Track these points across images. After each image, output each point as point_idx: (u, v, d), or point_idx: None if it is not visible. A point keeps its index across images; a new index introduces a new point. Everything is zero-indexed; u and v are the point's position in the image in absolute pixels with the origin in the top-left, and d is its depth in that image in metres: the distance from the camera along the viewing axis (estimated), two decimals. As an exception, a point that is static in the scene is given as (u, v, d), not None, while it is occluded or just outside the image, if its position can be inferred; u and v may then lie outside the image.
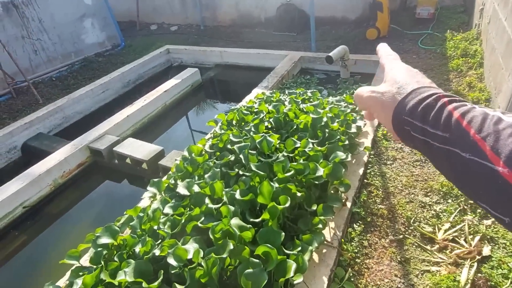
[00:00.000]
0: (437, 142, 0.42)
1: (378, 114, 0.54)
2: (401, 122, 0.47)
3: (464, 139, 0.39)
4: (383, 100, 0.51)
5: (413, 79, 0.50)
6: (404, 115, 0.46)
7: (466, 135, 0.38)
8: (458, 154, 0.39)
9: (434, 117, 0.42)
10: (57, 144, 4.10)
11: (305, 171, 2.24)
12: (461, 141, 0.39)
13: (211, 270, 1.71)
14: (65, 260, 2.02)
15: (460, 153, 0.39)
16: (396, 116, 0.48)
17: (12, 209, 3.15)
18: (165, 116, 4.97)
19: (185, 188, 2.35)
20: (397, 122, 0.48)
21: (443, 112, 0.42)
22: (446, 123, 0.41)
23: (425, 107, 0.44)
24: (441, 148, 0.41)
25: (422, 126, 0.43)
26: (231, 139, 2.75)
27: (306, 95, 3.60)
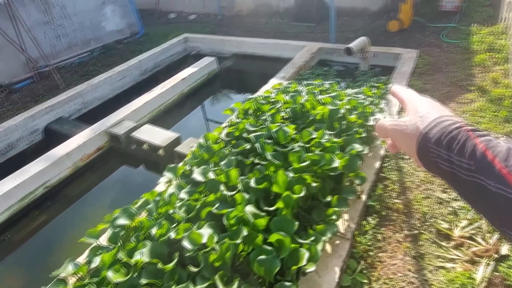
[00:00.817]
0: (463, 172, 0.42)
1: (401, 145, 0.55)
2: (426, 152, 0.47)
3: (491, 170, 0.39)
4: (407, 131, 0.51)
5: (434, 109, 0.51)
6: (430, 144, 0.46)
7: (492, 167, 0.39)
8: (485, 186, 0.40)
9: (459, 147, 0.43)
10: (77, 129, 4.21)
11: (320, 162, 2.23)
12: (488, 173, 0.39)
13: (225, 255, 1.74)
14: (84, 239, 2.09)
15: (487, 185, 0.39)
16: (421, 146, 0.48)
17: (33, 189, 3.27)
18: (182, 104, 5.02)
19: (201, 175, 2.38)
20: (423, 152, 0.48)
21: (468, 143, 0.42)
22: (471, 154, 0.41)
23: (450, 137, 0.44)
24: (467, 179, 0.42)
25: (448, 155, 0.44)
26: (247, 128, 2.76)
27: (324, 86, 3.55)
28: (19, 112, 4.63)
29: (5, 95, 5.34)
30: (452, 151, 0.43)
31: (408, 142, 0.51)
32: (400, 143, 0.54)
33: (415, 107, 0.53)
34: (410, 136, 0.50)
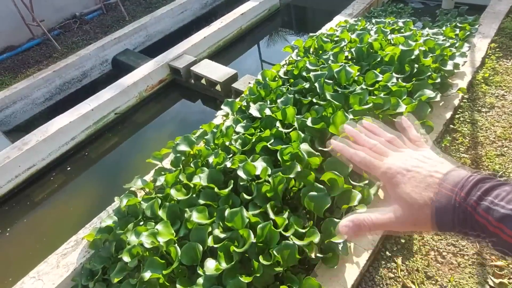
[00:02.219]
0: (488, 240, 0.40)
1: None
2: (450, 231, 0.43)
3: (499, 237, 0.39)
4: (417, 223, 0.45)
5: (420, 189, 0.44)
6: (453, 231, 0.43)
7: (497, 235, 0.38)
8: None
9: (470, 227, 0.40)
10: (141, 61, 4.40)
11: (384, 106, 2.09)
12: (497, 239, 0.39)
13: (277, 187, 1.81)
14: (151, 160, 2.31)
15: None
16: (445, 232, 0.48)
17: (106, 114, 3.61)
18: (240, 40, 4.92)
19: (257, 111, 2.40)
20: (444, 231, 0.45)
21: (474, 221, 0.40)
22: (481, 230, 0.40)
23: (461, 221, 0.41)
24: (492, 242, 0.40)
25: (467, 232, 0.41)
26: (307, 66, 2.64)
27: (397, 25, 3.18)
28: (91, 42, 4.94)
29: (78, 25, 5.68)
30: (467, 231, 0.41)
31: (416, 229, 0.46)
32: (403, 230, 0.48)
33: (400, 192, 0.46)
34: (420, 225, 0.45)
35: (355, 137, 0.55)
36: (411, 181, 0.45)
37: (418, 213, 0.44)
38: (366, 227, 0.47)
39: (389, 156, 0.50)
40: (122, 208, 2.10)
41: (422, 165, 0.46)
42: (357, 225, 0.47)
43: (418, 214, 0.44)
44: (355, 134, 0.56)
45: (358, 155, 0.51)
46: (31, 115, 4.31)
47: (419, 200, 0.43)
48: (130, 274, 1.88)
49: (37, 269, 2.12)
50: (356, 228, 0.47)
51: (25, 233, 2.87)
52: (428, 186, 0.43)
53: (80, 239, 2.18)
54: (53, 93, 4.43)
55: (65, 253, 2.16)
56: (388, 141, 0.53)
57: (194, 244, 1.70)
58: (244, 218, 1.71)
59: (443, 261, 1.81)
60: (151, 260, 1.70)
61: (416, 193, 0.44)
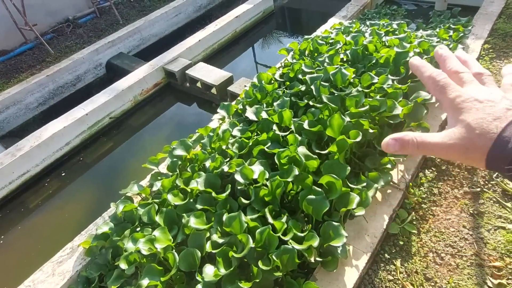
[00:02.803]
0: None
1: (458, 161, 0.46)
2: (501, 170, 0.40)
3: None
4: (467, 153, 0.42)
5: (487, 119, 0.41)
6: (506, 165, 0.39)
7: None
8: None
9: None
10: (136, 64, 4.38)
11: (380, 108, 2.09)
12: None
13: (275, 191, 1.80)
14: (147, 165, 2.29)
15: None
16: (493, 167, 0.41)
17: (101, 118, 3.58)
18: (235, 43, 4.92)
19: (254, 114, 2.39)
20: (496, 170, 0.42)
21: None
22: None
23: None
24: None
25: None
26: (303, 69, 2.64)
27: (391, 27, 3.20)
28: (85, 46, 4.90)
29: (71, 29, 5.64)
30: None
31: (470, 162, 0.43)
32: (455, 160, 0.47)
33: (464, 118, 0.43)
34: (472, 158, 0.42)
35: (448, 59, 0.50)
36: (483, 109, 0.42)
37: (477, 140, 0.41)
38: (413, 146, 0.45)
39: (469, 85, 0.46)
40: (118, 214, 2.08)
41: (500, 101, 0.42)
42: (401, 144, 0.45)
43: (476, 141, 0.41)
44: (450, 56, 0.51)
45: (438, 74, 0.47)
46: (24, 120, 4.26)
47: (485, 126, 0.41)
48: (128, 281, 1.85)
49: (32, 277, 2.09)
50: (400, 146, 0.45)
51: (20, 241, 2.83)
52: (500, 117, 0.41)
53: (76, 246, 2.15)
54: (46, 97, 4.39)
55: (61, 261, 2.13)
56: (476, 74, 0.48)
57: (192, 250, 1.69)
58: (243, 223, 1.69)
59: (441, 263, 1.81)
60: (148, 267, 1.67)
61: (484, 120, 0.41)
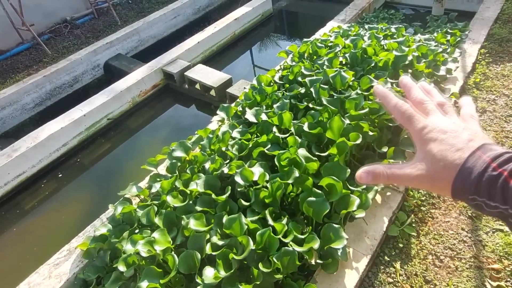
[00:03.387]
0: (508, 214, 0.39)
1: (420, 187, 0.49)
2: (466, 200, 0.42)
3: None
4: (433, 182, 0.45)
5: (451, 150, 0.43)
6: (467, 195, 0.41)
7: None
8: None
9: (500, 195, 0.39)
10: (134, 65, 4.37)
11: (380, 111, 2.11)
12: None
13: (275, 193, 1.80)
14: (145, 166, 2.27)
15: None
16: (458, 197, 0.43)
17: (99, 119, 3.56)
18: (233, 45, 4.92)
19: (253, 116, 2.39)
20: (461, 200, 0.44)
21: (504, 186, 0.38)
22: None
23: (490, 185, 0.39)
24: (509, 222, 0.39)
25: (491, 204, 0.40)
26: (302, 71, 2.65)
27: (389, 31, 3.23)
28: (82, 47, 4.88)
29: (68, 29, 5.61)
30: (495, 200, 0.39)
31: (437, 191, 0.46)
32: (424, 189, 0.49)
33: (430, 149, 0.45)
34: (439, 187, 0.44)
35: (412, 89, 0.53)
36: (447, 140, 0.44)
37: (442, 171, 0.43)
38: (383, 177, 0.48)
39: (433, 116, 0.48)
40: (116, 215, 2.06)
41: (463, 131, 0.44)
42: (373, 177, 0.48)
43: (441, 172, 0.43)
44: (413, 86, 0.54)
45: (403, 105, 0.50)
46: (21, 120, 4.22)
47: (449, 157, 0.42)
48: (126, 284, 1.84)
49: (28, 280, 2.06)
50: (372, 178, 0.48)
51: (15, 243, 2.79)
52: (463, 148, 0.42)
53: (73, 248, 2.13)
54: (43, 98, 4.35)
55: (58, 263, 2.10)
56: (439, 104, 0.50)
57: (192, 252, 1.68)
58: (243, 225, 1.69)
59: (441, 265, 1.82)
60: (148, 269, 1.66)
61: (448, 151, 0.43)
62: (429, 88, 0.54)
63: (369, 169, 0.48)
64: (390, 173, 0.47)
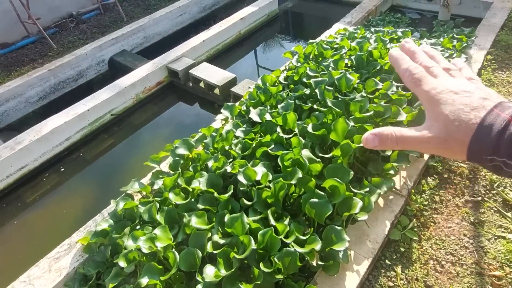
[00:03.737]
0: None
1: (439, 154, 0.46)
2: (483, 161, 0.40)
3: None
4: (447, 145, 0.42)
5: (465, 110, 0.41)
6: (485, 155, 0.39)
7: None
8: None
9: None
10: (139, 62, 4.37)
11: (385, 114, 2.10)
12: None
13: (278, 193, 1.79)
14: (148, 163, 2.27)
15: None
16: (475, 158, 0.41)
17: (102, 114, 3.56)
18: (238, 45, 4.92)
19: (257, 115, 2.39)
20: (478, 162, 0.41)
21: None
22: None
23: (509, 142, 0.37)
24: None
25: None
26: (307, 72, 2.65)
27: (396, 34, 3.22)
28: (88, 42, 4.89)
29: (74, 24, 5.62)
30: (505, 159, 0.38)
31: (451, 155, 0.43)
32: (436, 153, 0.46)
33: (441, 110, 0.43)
34: (453, 151, 0.42)
35: (416, 54, 0.51)
36: (460, 100, 0.42)
37: (456, 131, 0.41)
38: (392, 140, 0.45)
39: (442, 77, 0.46)
40: (118, 211, 2.06)
41: (475, 91, 0.42)
42: (380, 139, 0.46)
43: (455, 132, 0.41)
44: (417, 51, 0.51)
45: (416, 68, 0.48)
46: (24, 114, 4.23)
47: (463, 117, 0.40)
48: (126, 280, 1.83)
49: (28, 273, 2.06)
50: (379, 141, 0.46)
51: (16, 236, 2.79)
52: (478, 107, 0.40)
53: (74, 242, 2.13)
54: (47, 92, 4.36)
55: (58, 257, 2.10)
56: (444, 69, 0.49)
57: (193, 249, 1.67)
58: (245, 224, 1.68)
59: (442, 270, 1.81)
60: (148, 265, 1.66)
61: (462, 111, 0.41)
62: (433, 53, 0.52)
63: (376, 131, 0.46)
64: (399, 136, 0.45)
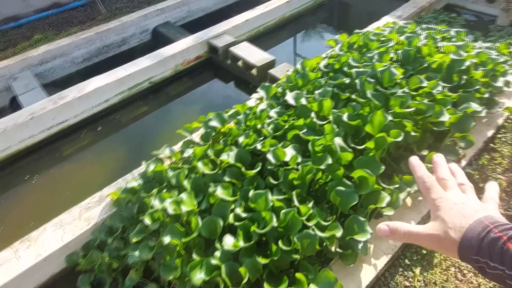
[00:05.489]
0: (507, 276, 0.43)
1: (430, 247, 0.55)
2: (470, 261, 0.48)
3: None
4: (442, 242, 0.51)
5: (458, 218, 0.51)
6: (471, 255, 0.47)
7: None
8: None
9: (499, 257, 0.44)
10: (181, 35, 4.43)
11: (426, 113, 2.02)
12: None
13: (305, 176, 1.79)
14: (181, 131, 2.33)
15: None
16: (464, 258, 0.49)
17: (141, 81, 3.68)
18: (280, 28, 4.86)
19: (293, 99, 2.37)
20: (467, 261, 0.49)
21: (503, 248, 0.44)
22: None
23: (490, 246, 0.45)
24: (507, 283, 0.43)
25: (491, 265, 0.45)
26: (349, 62, 2.58)
27: (448, 33, 3.05)
28: (134, 10, 5.00)
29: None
30: (494, 261, 0.45)
31: (446, 252, 0.52)
32: (434, 249, 0.56)
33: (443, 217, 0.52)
34: (447, 248, 0.51)
35: (440, 166, 0.61)
36: (456, 208, 0.52)
37: (450, 232, 0.50)
38: (400, 233, 0.55)
39: (450, 191, 0.56)
40: (148, 173, 2.14)
41: (471, 204, 0.53)
42: (392, 229, 0.55)
43: (450, 233, 0.50)
44: (441, 164, 0.62)
45: (428, 177, 0.59)
46: (68, 73, 4.44)
47: (456, 222, 0.50)
48: (147, 238, 1.92)
49: (60, 217, 2.21)
50: (391, 233, 0.56)
51: (51, 183, 2.99)
52: (469, 216, 0.50)
53: (104, 196, 2.25)
54: (92, 54, 4.54)
55: (88, 207, 2.23)
56: (459, 184, 0.59)
57: (216, 218, 1.72)
58: (268, 201, 1.71)
59: (462, 279, 1.76)
60: (172, 226, 1.73)
61: (456, 217, 0.51)
62: (456, 169, 0.62)
63: (390, 224, 0.56)
64: (406, 231, 0.54)
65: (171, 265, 1.67)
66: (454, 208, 0.52)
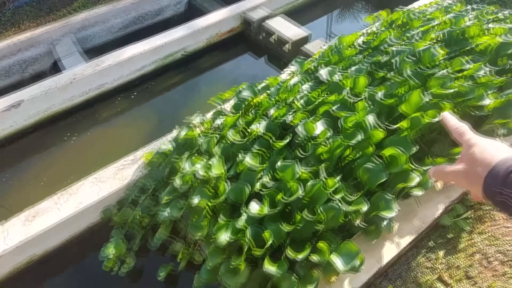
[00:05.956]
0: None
1: (465, 187, 0.62)
2: (494, 194, 0.51)
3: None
4: (468, 177, 0.56)
5: (493, 151, 0.55)
6: (495, 187, 0.51)
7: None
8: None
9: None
10: (215, 8, 4.41)
11: (468, 95, 1.93)
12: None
13: (334, 151, 1.79)
14: (214, 99, 2.38)
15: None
16: (487, 190, 0.53)
17: (175, 51, 3.73)
18: (316, 4, 4.71)
19: (327, 74, 2.34)
20: (490, 194, 0.52)
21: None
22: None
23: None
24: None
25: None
26: (389, 40, 2.49)
27: (499, 15, 2.84)
28: (170, -20, 5.00)
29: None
30: None
31: (471, 187, 0.57)
32: (463, 186, 0.62)
33: (472, 155, 0.57)
34: (472, 182, 0.55)
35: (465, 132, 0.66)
36: (487, 148, 0.56)
37: (478, 167, 0.54)
38: (437, 172, 0.63)
39: (480, 138, 0.61)
40: (180, 138, 2.22)
41: (500, 146, 0.56)
42: (434, 171, 0.64)
43: (478, 168, 0.54)
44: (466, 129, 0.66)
45: (462, 125, 0.64)
46: (105, 40, 4.57)
47: (485, 158, 0.54)
48: (177, 198, 2.02)
49: (97, 174, 2.35)
50: (433, 172, 0.64)
51: (88, 144, 3.16)
52: (497, 154, 0.54)
53: (138, 157, 2.36)
54: (127, 24, 4.63)
55: (123, 168, 2.36)
56: None
57: (243, 184, 1.77)
58: (295, 172, 1.73)
59: (487, 266, 1.73)
60: (201, 188, 1.80)
61: (486, 154, 0.55)
62: None
63: (435, 167, 0.64)
64: (440, 168, 0.62)
65: (198, 224, 1.76)
66: (485, 147, 0.56)
